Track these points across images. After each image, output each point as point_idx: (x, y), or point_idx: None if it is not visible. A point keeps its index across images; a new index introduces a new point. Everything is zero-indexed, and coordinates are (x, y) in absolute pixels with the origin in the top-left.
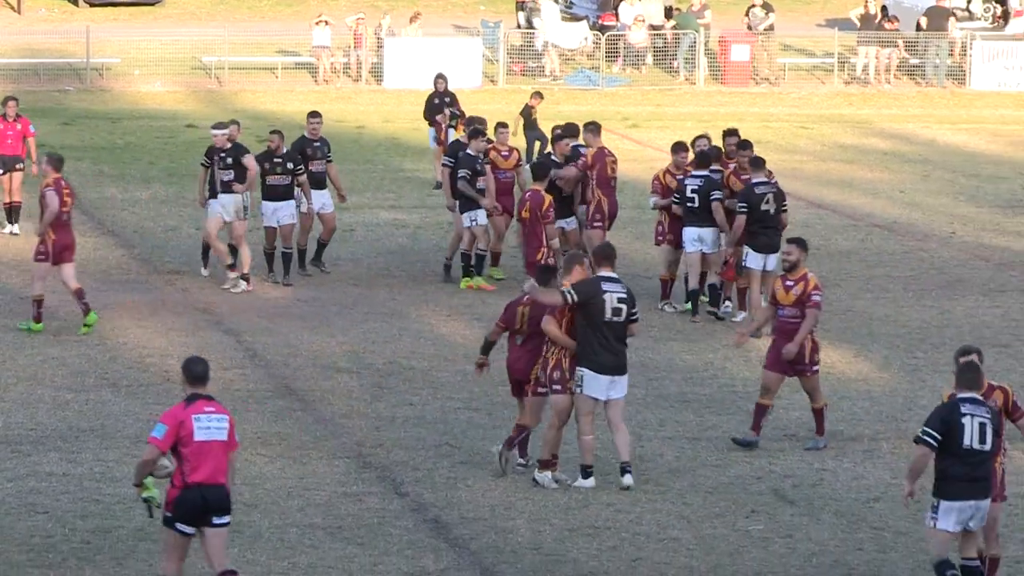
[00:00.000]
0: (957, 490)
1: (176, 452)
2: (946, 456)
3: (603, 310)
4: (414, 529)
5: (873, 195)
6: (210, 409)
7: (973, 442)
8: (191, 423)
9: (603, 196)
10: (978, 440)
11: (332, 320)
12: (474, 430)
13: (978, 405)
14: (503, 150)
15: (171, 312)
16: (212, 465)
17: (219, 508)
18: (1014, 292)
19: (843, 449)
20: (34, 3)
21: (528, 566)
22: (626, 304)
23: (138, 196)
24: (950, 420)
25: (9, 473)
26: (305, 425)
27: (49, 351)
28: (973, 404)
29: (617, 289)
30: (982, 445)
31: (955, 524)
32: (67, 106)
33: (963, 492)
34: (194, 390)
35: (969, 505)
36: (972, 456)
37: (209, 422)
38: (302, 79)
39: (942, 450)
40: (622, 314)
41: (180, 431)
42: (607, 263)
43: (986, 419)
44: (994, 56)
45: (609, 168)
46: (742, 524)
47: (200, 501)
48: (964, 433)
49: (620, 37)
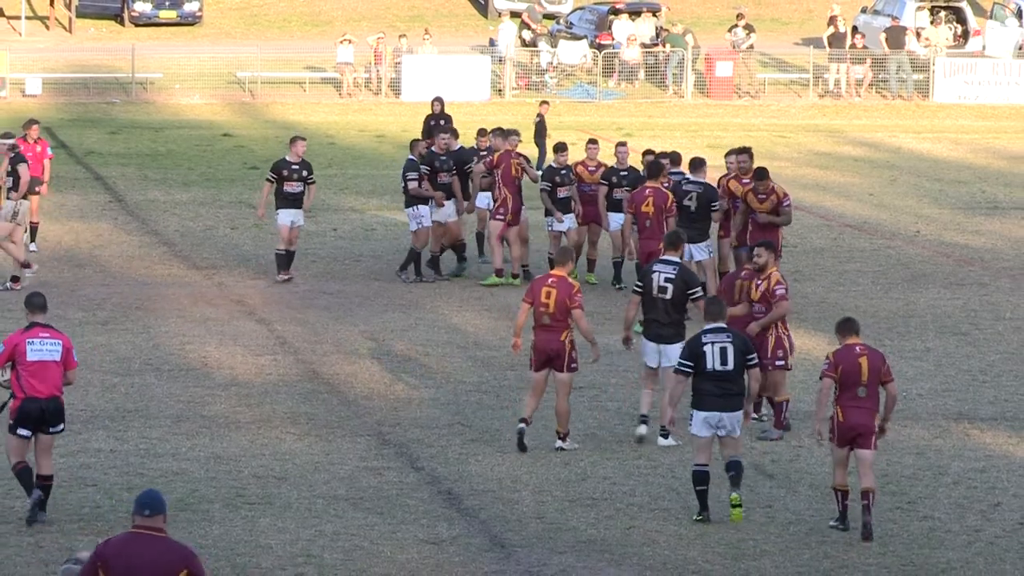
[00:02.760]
0: (707, 403)
1: (15, 370)
2: (698, 377)
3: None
4: (429, 500)
5: (845, 197)
6: (44, 335)
7: (716, 364)
8: (24, 345)
9: (509, 194)
10: (720, 362)
11: (354, 311)
12: (483, 411)
13: (718, 332)
14: (591, 165)
15: (208, 304)
16: (48, 381)
17: (54, 418)
18: (973, 285)
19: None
20: (84, 23)
21: (532, 533)
22: (672, 284)
23: (178, 198)
24: (696, 349)
25: (62, 450)
26: (330, 406)
27: (98, 339)
28: (714, 333)
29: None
30: (724, 366)
31: (707, 430)
32: (114, 117)
33: (712, 405)
34: (33, 319)
35: (715, 415)
36: (717, 376)
37: (42, 345)
38: (327, 92)
39: (696, 373)
40: (668, 292)
41: (14, 352)
42: (672, 249)
43: (727, 343)
44: (955, 72)
45: (514, 168)
46: (726, 495)
47: (38, 412)
48: (707, 358)
49: (615, 55)
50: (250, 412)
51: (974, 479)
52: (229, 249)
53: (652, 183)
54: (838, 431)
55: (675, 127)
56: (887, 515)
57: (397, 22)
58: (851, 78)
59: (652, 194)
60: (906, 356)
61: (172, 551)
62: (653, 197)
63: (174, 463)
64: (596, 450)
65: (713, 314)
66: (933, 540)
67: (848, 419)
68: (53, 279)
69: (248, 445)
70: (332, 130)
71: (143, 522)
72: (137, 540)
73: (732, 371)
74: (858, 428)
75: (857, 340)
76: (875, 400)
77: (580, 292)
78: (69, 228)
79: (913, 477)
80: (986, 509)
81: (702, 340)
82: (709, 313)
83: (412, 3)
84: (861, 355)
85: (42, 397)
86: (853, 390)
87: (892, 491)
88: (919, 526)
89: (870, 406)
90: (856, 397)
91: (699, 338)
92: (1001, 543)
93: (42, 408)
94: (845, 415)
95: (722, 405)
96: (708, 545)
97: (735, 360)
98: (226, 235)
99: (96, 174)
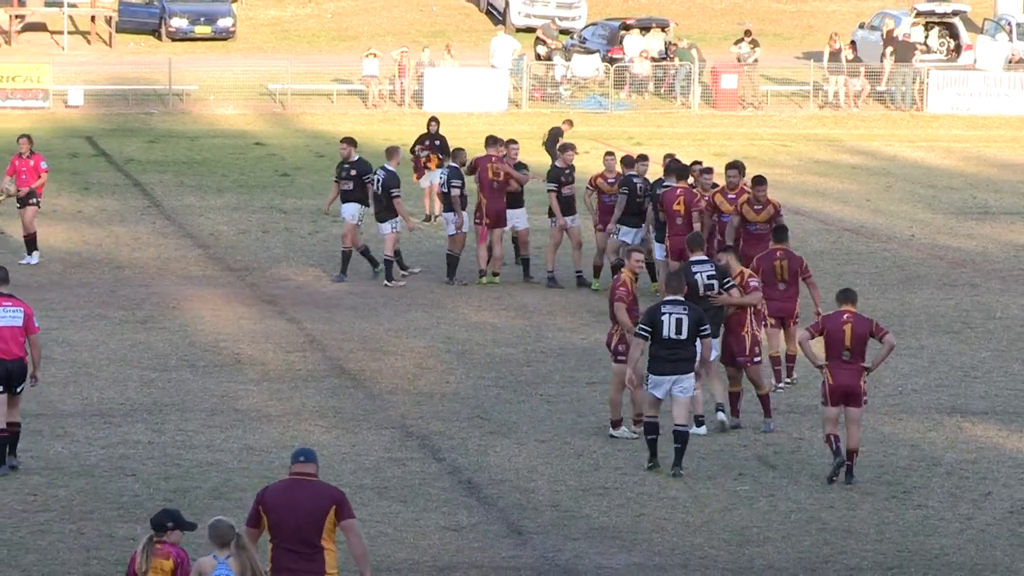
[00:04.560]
0: (661, 368)
1: None
2: (654, 343)
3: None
4: (450, 489)
5: (843, 203)
6: (8, 304)
7: (671, 333)
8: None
9: (483, 198)
10: (675, 331)
11: (380, 310)
12: (502, 405)
13: (676, 304)
14: (609, 176)
15: (241, 303)
16: (9, 344)
17: (18, 378)
18: (965, 286)
19: (818, 421)
20: (123, 38)
21: (547, 521)
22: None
23: (213, 203)
24: (654, 318)
25: (102, 441)
26: (356, 400)
27: (137, 336)
28: (672, 304)
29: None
30: (678, 335)
31: (662, 392)
32: (152, 127)
33: (666, 369)
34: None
35: (669, 379)
36: (671, 343)
37: (4, 312)
38: (354, 104)
39: (652, 340)
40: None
41: None
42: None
43: (683, 315)
44: (948, 84)
45: (490, 172)
46: (731, 485)
47: (5, 373)
48: (664, 327)
49: (626, 68)
50: (280, 406)
51: (966, 470)
52: (261, 252)
53: (681, 183)
54: (829, 392)
55: (682, 136)
56: (883, 504)
57: (420, 37)
58: (849, 90)
59: (683, 194)
60: (901, 353)
61: (322, 492)
62: (684, 196)
63: (209, 454)
64: (608, 442)
65: (673, 288)
66: (927, 528)
67: (837, 380)
68: (94, 280)
69: (279, 437)
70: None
71: (299, 469)
72: (294, 484)
73: (685, 340)
74: (846, 388)
75: (850, 308)
76: (861, 362)
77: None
78: (109, 232)
79: (908, 468)
80: (978, 498)
81: (661, 310)
82: (669, 287)
83: (434, 19)
84: (847, 322)
85: (8, 359)
86: (838, 353)
87: (888, 481)
88: (914, 514)
89: (856, 368)
90: (842, 360)
91: (659, 308)
92: (992, 530)
93: (8, 369)
94: (834, 376)
95: (673, 369)
96: (714, 532)
97: (689, 330)
98: (258, 238)
99: (135, 180)
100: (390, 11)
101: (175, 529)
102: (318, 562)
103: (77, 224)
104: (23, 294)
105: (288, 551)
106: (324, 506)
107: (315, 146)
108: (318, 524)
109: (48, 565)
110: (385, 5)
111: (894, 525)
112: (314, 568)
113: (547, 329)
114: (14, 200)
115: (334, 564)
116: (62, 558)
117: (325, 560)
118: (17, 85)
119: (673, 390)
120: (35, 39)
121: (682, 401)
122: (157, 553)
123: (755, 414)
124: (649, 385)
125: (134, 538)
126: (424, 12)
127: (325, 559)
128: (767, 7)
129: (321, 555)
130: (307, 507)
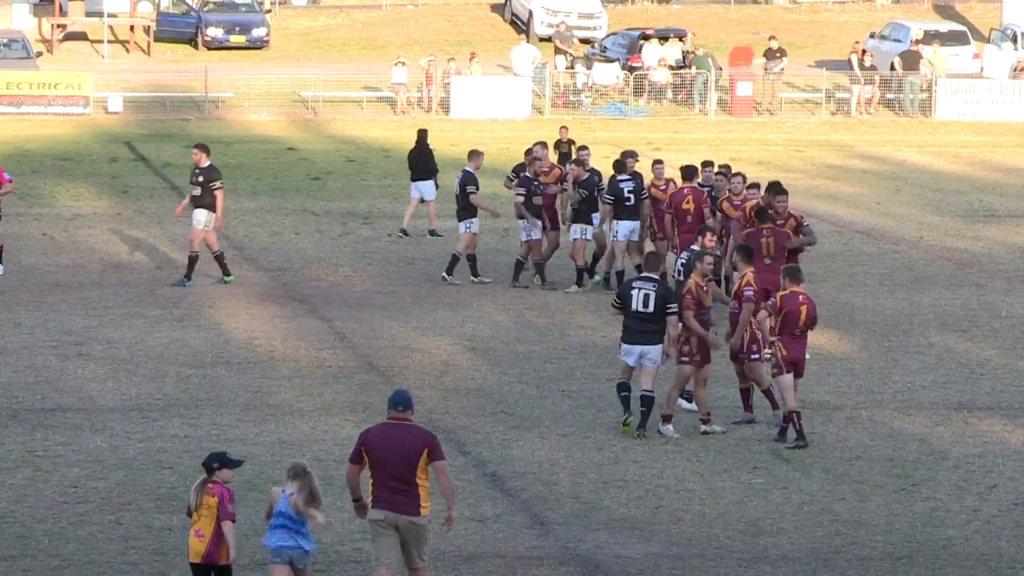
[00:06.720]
0: (630, 337)
1: None
2: (625, 315)
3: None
4: (475, 481)
5: (854, 206)
6: None
7: (638, 306)
8: None
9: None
10: (642, 305)
11: (408, 309)
12: (525, 400)
13: (646, 281)
14: (660, 184)
15: (274, 302)
16: None
17: None
18: (971, 287)
19: (829, 416)
20: (161, 47)
21: (568, 512)
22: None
23: (247, 207)
24: (625, 291)
25: (140, 435)
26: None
27: (174, 334)
28: (642, 281)
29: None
30: (645, 309)
31: (630, 358)
32: (188, 132)
33: (634, 339)
34: None
35: (637, 348)
36: (639, 316)
37: None
38: (383, 110)
39: (624, 312)
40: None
41: None
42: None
43: (651, 291)
44: (955, 91)
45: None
46: (746, 478)
47: None
48: (632, 300)
49: (645, 76)
50: (312, 401)
51: (972, 463)
52: (293, 253)
53: (688, 183)
54: (784, 362)
55: (699, 142)
56: (893, 496)
57: (446, 46)
58: (860, 97)
59: (690, 193)
60: (910, 351)
61: (416, 435)
62: (692, 195)
63: (243, 448)
64: (627, 436)
65: (650, 266)
66: (935, 519)
67: (790, 352)
68: (133, 279)
69: (310, 431)
70: (387, 144)
71: (396, 414)
72: (391, 427)
73: (651, 313)
74: (796, 359)
75: (800, 289)
76: (805, 337)
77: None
78: (148, 233)
79: (916, 461)
80: (984, 491)
81: (632, 285)
82: (647, 265)
83: (460, 29)
84: (803, 304)
85: None
86: (792, 329)
87: (897, 474)
88: (922, 506)
89: (803, 342)
90: (794, 335)
91: (631, 283)
92: (997, 522)
93: None
94: (787, 348)
95: (641, 339)
96: (729, 523)
97: (655, 305)
98: (290, 240)
99: (172, 184)
100: (418, 21)
101: (222, 468)
102: (412, 496)
103: (116, 225)
104: (64, 294)
105: (386, 485)
106: (418, 447)
107: (346, 151)
108: (412, 463)
109: (87, 555)
110: (413, 15)
111: (903, 517)
112: (409, 501)
113: (569, 327)
114: None
115: (425, 498)
116: (101, 548)
117: (419, 495)
118: (59, 92)
119: (642, 360)
120: (76, 48)
121: (649, 369)
122: (207, 491)
123: (768, 409)
124: (621, 352)
125: (171, 528)
126: (451, 22)
127: (419, 493)
128: (781, 17)
129: (416, 489)
130: (403, 447)
